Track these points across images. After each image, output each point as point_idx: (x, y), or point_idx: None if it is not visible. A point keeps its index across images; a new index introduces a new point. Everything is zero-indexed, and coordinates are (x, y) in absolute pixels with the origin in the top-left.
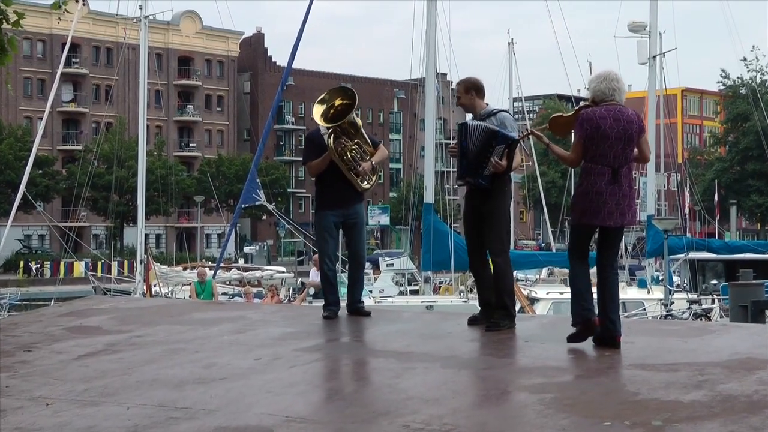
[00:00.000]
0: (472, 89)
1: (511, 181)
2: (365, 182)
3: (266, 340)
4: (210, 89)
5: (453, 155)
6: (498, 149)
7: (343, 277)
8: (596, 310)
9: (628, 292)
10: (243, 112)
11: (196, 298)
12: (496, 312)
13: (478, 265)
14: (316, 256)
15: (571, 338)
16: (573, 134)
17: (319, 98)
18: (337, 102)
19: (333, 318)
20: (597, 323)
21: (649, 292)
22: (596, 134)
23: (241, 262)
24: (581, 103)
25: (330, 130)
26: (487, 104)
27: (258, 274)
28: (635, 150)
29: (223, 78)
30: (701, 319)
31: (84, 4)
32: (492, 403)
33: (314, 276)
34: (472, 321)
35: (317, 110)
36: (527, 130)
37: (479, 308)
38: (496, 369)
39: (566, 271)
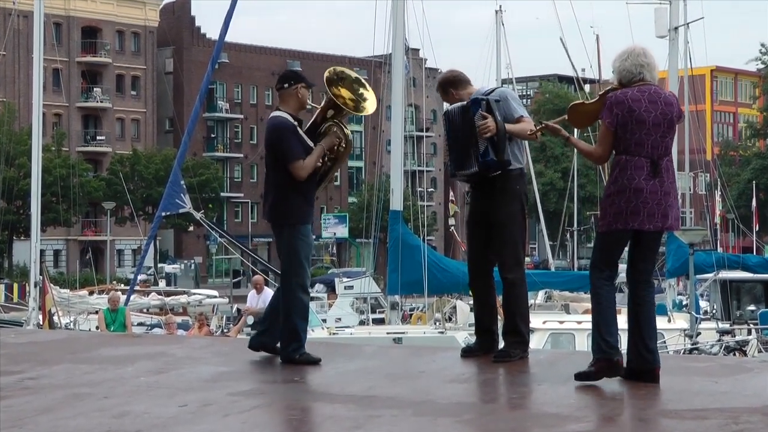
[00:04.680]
0: (449, 87)
1: (523, 177)
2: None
3: (194, 383)
4: (122, 68)
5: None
6: (478, 117)
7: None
8: (621, 346)
9: None
10: (164, 97)
11: (105, 330)
12: (507, 338)
13: (479, 284)
14: (257, 276)
15: (582, 376)
16: (599, 124)
17: (354, 76)
18: (345, 92)
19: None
20: (621, 363)
21: (670, 321)
22: (630, 120)
23: (162, 284)
24: (608, 87)
25: (333, 115)
26: (479, 88)
27: (183, 299)
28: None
29: (138, 54)
30: (735, 354)
31: None
32: None
33: (253, 301)
34: (467, 352)
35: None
36: (541, 123)
37: (475, 337)
38: (482, 417)
39: (567, 294)
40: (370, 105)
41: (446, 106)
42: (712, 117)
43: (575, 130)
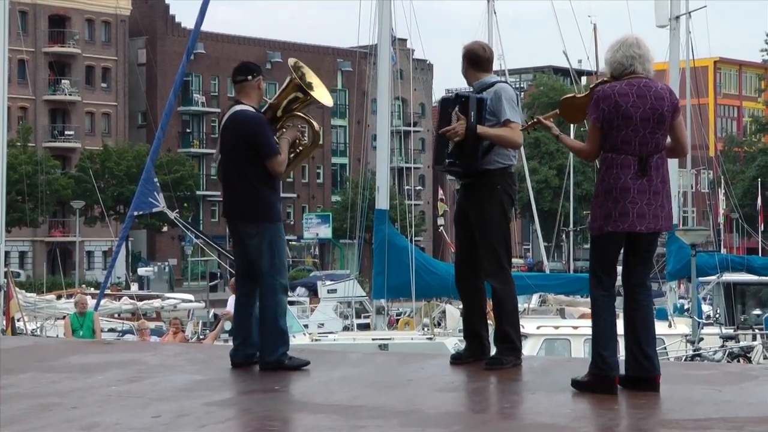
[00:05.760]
0: (465, 58)
1: (507, 176)
2: None
3: (168, 392)
4: (92, 59)
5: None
6: (453, 115)
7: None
8: (617, 362)
9: None
10: (137, 90)
11: (70, 336)
12: (498, 345)
13: (465, 285)
14: (234, 280)
15: (577, 385)
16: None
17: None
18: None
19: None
20: (616, 381)
21: (671, 326)
22: (616, 115)
23: (135, 288)
24: (600, 79)
25: (294, 102)
26: (487, 78)
27: (157, 303)
28: (668, 137)
29: (109, 44)
30: (739, 361)
31: None
32: None
33: (232, 306)
34: (456, 359)
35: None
36: (532, 118)
37: (465, 342)
38: (472, 428)
39: (563, 298)
40: (321, 96)
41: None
42: (716, 111)
43: (573, 125)
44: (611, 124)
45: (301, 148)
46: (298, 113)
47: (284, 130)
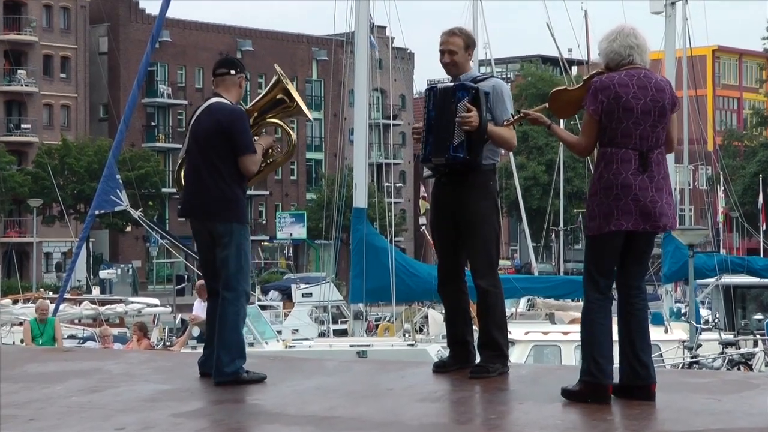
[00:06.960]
0: (472, 46)
1: (495, 173)
2: None
3: (132, 402)
4: (51, 47)
5: (417, 140)
6: (461, 106)
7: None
8: (612, 370)
9: None
10: (98, 80)
11: (31, 343)
12: (484, 352)
13: (450, 290)
14: (201, 282)
15: (568, 395)
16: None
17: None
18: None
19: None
20: (610, 390)
21: (667, 331)
22: (616, 107)
23: (96, 291)
24: (594, 70)
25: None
26: (471, 71)
27: (120, 308)
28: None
29: (69, 32)
30: (739, 369)
31: None
32: None
33: (199, 310)
34: (440, 367)
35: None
36: (519, 111)
37: (448, 349)
38: None
39: (552, 302)
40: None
41: (419, 83)
42: (714, 103)
43: (561, 120)
44: (611, 117)
45: (272, 159)
46: (277, 120)
47: (258, 137)
